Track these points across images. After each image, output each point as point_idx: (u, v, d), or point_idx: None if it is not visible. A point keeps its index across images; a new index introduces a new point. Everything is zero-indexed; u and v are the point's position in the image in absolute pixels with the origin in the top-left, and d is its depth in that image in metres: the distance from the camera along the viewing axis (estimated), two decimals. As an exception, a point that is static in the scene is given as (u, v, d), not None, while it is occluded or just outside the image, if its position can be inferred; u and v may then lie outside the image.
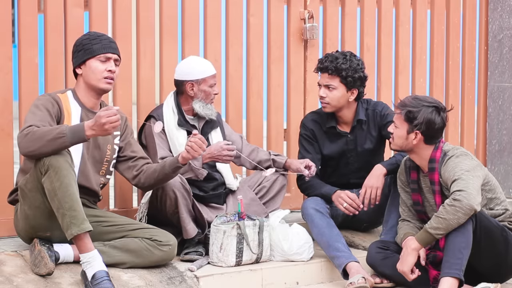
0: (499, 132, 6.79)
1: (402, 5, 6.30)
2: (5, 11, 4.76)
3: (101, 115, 4.11)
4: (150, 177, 4.56)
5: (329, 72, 5.06)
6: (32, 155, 4.17)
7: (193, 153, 4.42)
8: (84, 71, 4.48)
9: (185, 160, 4.47)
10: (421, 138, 4.62)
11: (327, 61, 5.07)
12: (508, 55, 6.74)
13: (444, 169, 4.59)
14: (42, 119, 4.27)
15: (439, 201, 4.63)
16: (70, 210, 4.13)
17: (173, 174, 4.54)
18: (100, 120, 4.11)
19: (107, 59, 4.48)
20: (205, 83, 4.95)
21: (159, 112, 4.96)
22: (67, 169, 4.15)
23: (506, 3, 6.72)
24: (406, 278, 4.53)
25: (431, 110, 4.59)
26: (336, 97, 5.09)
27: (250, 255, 4.78)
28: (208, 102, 4.98)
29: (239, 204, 4.81)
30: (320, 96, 5.12)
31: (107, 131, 4.15)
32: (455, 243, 4.41)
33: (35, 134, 4.14)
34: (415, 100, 4.64)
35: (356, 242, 5.32)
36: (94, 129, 4.13)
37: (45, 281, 4.23)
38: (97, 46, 4.46)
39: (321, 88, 5.12)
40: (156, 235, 4.50)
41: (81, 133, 4.14)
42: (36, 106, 4.34)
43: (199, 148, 4.42)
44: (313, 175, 5.04)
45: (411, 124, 4.61)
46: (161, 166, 4.53)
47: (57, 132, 4.13)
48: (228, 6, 5.54)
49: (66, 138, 4.12)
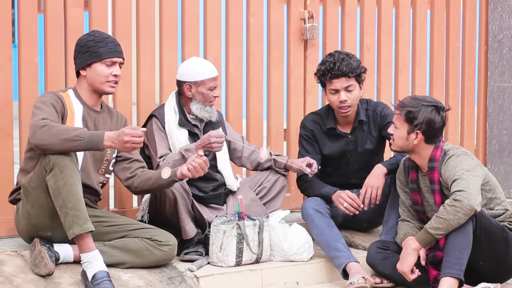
0: (499, 132, 6.79)
1: (402, 5, 6.30)
2: (5, 11, 4.76)
3: (126, 132, 4.12)
4: (144, 184, 4.56)
5: (349, 75, 5.02)
6: (43, 148, 4.15)
7: (194, 173, 4.42)
8: (88, 73, 4.48)
9: (183, 176, 4.45)
10: (421, 138, 4.62)
11: (341, 65, 5.00)
12: (508, 55, 6.74)
13: (444, 168, 4.59)
14: (51, 115, 4.28)
15: (439, 200, 4.63)
16: (73, 210, 4.13)
17: (168, 186, 4.54)
18: (124, 137, 4.12)
19: (112, 63, 4.48)
20: (203, 86, 4.92)
21: (161, 111, 4.96)
22: (72, 169, 4.15)
23: (506, 3, 6.72)
24: (406, 278, 4.53)
25: (430, 109, 4.59)
26: (356, 96, 5.09)
27: (250, 255, 4.78)
28: (207, 104, 4.95)
29: (239, 204, 4.81)
30: (342, 101, 5.03)
31: (126, 149, 4.17)
32: (455, 243, 4.41)
33: (52, 129, 4.14)
34: (414, 100, 4.64)
35: (356, 242, 5.32)
36: (114, 142, 4.14)
37: (45, 281, 4.24)
38: (103, 49, 4.46)
39: (339, 92, 5.04)
40: (156, 235, 4.50)
41: (99, 142, 4.14)
42: (43, 102, 4.34)
43: (201, 170, 4.41)
44: (315, 172, 5.02)
45: (411, 124, 4.61)
46: (157, 176, 4.51)
47: (75, 134, 4.13)
48: (228, 6, 5.54)
49: (82, 142, 4.12)
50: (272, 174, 5.15)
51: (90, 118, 4.51)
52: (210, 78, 4.92)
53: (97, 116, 4.55)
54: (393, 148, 4.73)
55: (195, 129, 4.98)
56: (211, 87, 4.93)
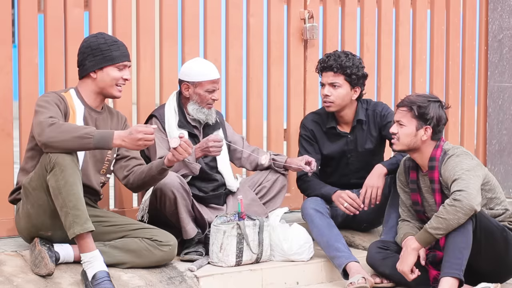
0: (499, 132, 6.79)
1: (402, 5, 6.30)
2: (5, 11, 4.76)
3: (139, 130, 4.12)
4: (138, 178, 4.55)
5: (334, 70, 5.06)
6: (52, 145, 4.14)
7: (178, 156, 4.37)
8: (99, 76, 4.47)
9: (170, 162, 4.42)
10: (430, 133, 4.62)
11: (331, 60, 5.08)
12: (508, 55, 6.74)
13: (444, 168, 4.59)
14: (57, 113, 4.28)
15: (439, 200, 4.63)
16: (74, 209, 4.13)
17: (160, 176, 4.51)
18: (137, 135, 4.12)
19: (124, 67, 4.49)
20: (201, 87, 4.90)
21: (161, 112, 4.96)
22: (73, 168, 4.15)
23: (506, 3, 6.72)
24: (406, 278, 4.53)
25: (438, 105, 4.63)
26: (341, 95, 5.09)
27: (250, 255, 4.78)
28: (204, 106, 4.93)
29: (239, 204, 4.81)
30: (324, 95, 5.10)
31: (138, 147, 4.17)
32: (455, 243, 4.41)
33: (61, 127, 4.14)
34: (420, 97, 4.66)
35: (356, 242, 5.32)
36: (125, 140, 4.14)
37: (45, 281, 4.24)
38: (116, 53, 4.46)
39: (325, 87, 5.11)
40: (156, 235, 4.50)
41: (109, 140, 4.14)
42: (47, 101, 4.33)
43: (184, 151, 4.36)
44: (314, 170, 5.01)
45: (421, 120, 4.61)
46: (148, 167, 4.51)
47: (85, 132, 4.13)
48: (228, 6, 5.54)
49: (92, 140, 4.12)
50: (271, 173, 5.15)
51: (91, 119, 4.51)
52: (208, 81, 4.90)
53: (98, 117, 4.55)
54: (397, 147, 4.70)
55: (194, 130, 4.98)
56: (208, 90, 4.90)
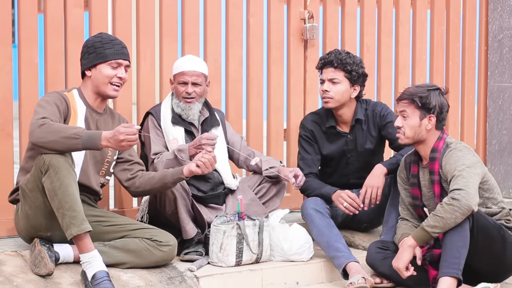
0: (499, 132, 6.79)
1: (402, 5, 6.30)
2: (5, 11, 4.76)
3: (121, 131, 4.13)
4: (147, 183, 4.56)
5: (335, 66, 5.07)
6: (42, 146, 4.16)
7: (204, 169, 4.44)
8: (93, 74, 4.48)
9: (191, 173, 4.46)
10: (434, 122, 4.62)
11: (332, 55, 5.10)
12: (508, 55, 6.74)
13: (445, 160, 4.58)
14: (53, 114, 4.28)
15: (438, 191, 4.63)
16: (70, 210, 4.13)
17: (173, 185, 4.54)
18: (119, 136, 4.12)
19: (118, 65, 4.49)
20: (176, 80, 4.95)
21: (157, 109, 4.98)
22: (67, 169, 4.16)
23: (506, 3, 6.72)
24: (401, 275, 4.51)
25: (438, 92, 4.64)
26: (340, 91, 5.09)
27: (250, 255, 4.78)
28: (181, 100, 4.94)
29: (239, 204, 4.81)
30: (323, 91, 5.10)
31: (123, 147, 4.18)
32: (453, 242, 4.41)
33: (51, 127, 4.15)
34: (419, 87, 4.67)
35: (356, 242, 5.32)
36: (110, 141, 4.15)
37: (45, 281, 4.24)
38: (109, 51, 4.47)
39: (324, 83, 5.11)
40: (156, 235, 4.50)
41: (96, 141, 4.15)
42: (46, 101, 4.34)
43: (210, 166, 4.43)
44: (299, 186, 4.95)
45: (424, 109, 4.61)
46: (162, 174, 4.53)
47: (73, 132, 4.14)
48: (228, 6, 5.54)
49: (80, 141, 4.13)
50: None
51: (92, 120, 4.51)
52: (179, 73, 4.92)
53: (99, 118, 4.55)
54: (403, 141, 4.67)
55: (191, 127, 4.98)
56: (180, 82, 4.91)
